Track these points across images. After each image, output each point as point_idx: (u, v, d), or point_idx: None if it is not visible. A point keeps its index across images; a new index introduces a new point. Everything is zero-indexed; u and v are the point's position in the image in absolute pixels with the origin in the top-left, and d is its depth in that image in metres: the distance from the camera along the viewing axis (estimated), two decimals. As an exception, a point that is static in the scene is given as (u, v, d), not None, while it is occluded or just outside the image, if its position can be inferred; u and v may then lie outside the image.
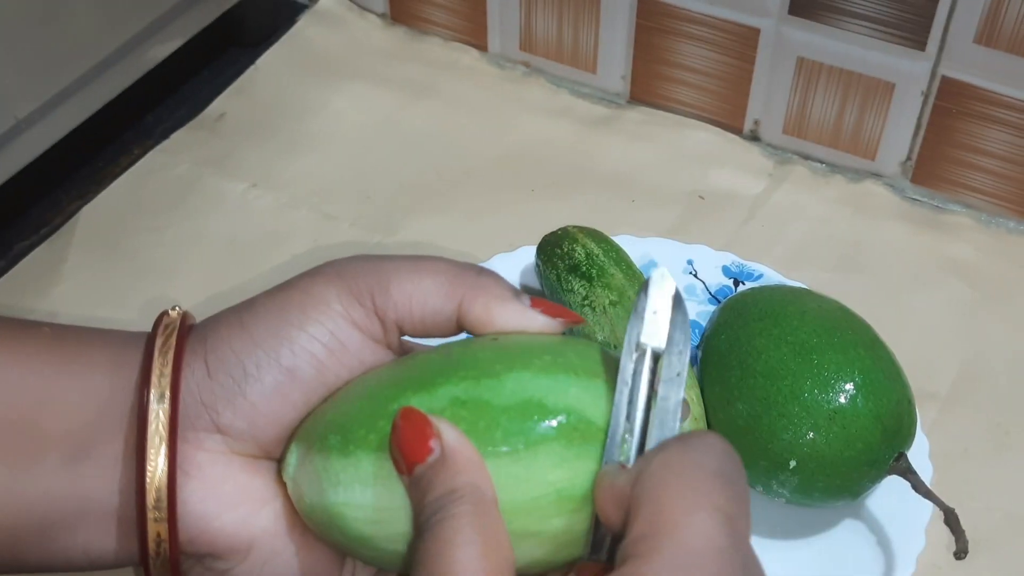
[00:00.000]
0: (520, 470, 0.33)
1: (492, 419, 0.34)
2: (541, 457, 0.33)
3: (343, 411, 0.36)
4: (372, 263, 0.38)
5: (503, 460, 0.33)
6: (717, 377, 0.52)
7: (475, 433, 0.33)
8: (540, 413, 0.34)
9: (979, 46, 0.62)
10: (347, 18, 0.79)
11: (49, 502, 0.36)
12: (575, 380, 0.34)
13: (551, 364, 0.35)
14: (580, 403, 0.34)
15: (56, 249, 0.65)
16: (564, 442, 0.33)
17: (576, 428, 0.34)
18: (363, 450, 0.34)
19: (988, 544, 0.53)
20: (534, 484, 0.33)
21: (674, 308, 0.35)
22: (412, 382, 0.35)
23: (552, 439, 0.33)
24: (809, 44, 0.66)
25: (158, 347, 0.36)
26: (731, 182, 0.69)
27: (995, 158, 0.65)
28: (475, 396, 0.34)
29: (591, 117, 0.73)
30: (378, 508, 0.34)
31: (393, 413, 0.34)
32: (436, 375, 0.35)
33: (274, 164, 0.70)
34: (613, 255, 0.57)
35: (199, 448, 0.36)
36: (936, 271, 0.65)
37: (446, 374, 0.35)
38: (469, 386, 0.34)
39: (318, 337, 0.36)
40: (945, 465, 0.54)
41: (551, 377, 0.34)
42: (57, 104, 0.65)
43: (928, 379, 0.58)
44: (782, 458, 0.49)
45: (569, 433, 0.33)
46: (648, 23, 0.70)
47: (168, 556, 0.36)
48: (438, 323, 0.37)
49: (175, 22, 0.71)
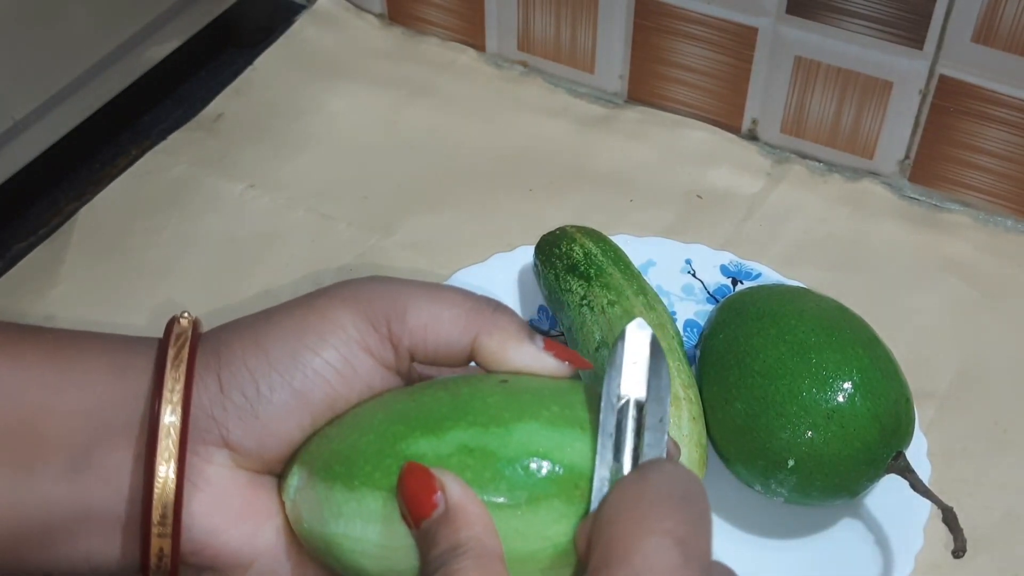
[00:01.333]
0: (520, 524, 0.34)
1: (497, 470, 0.34)
2: (542, 512, 0.34)
3: (350, 442, 0.36)
4: (390, 288, 0.38)
5: (504, 512, 0.34)
6: (715, 376, 0.52)
7: (480, 482, 0.34)
8: (544, 468, 0.34)
9: (977, 45, 0.62)
10: (344, 18, 0.79)
11: (50, 509, 0.36)
12: (580, 435, 0.35)
13: (558, 417, 0.35)
14: (583, 459, 0.34)
15: (54, 250, 0.65)
16: (564, 498, 0.34)
17: (577, 485, 0.34)
18: (367, 487, 0.35)
19: (987, 542, 0.53)
20: (532, 538, 0.34)
21: (652, 355, 0.35)
22: (421, 422, 0.35)
23: (553, 495, 0.34)
24: (807, 43, 0.66)
25: (170, 359, 0.36)
26: (729, 181, 0.69)
27: (993, 157, 0.65)
28: (482, 445, 0.34)
29: (589, 117, 0.73)
30: (378, 545, 0.35)
31: (401, 453, 0.35)
32: (445, 418, 0.35)
33: (272, 164, 0.70)
34: (611, 255, 0.57)
35: (208, 462, 0.36)
36: (934, 270, 0.65)
37: (455, 418, 0.35)
38: (477, 433, 0.35)
39: (332, 362, 0.37)
40: (943, 464, 0.54)
41: (557, 431, 0.35)
42: (54, 105, 0.65)
43: (926, 378, 0.58)
44: (780, 457, 0.49)
45: (570, 490, 0.34)
46: (646, 23, 0.70)
47: (169, 570, 0.36)
48: (450, 354, 0.38)
49: (172, 23, 0.71)
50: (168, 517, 0.35)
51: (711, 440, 0.52)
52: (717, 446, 0.52)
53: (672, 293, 0.60)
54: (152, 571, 0.36)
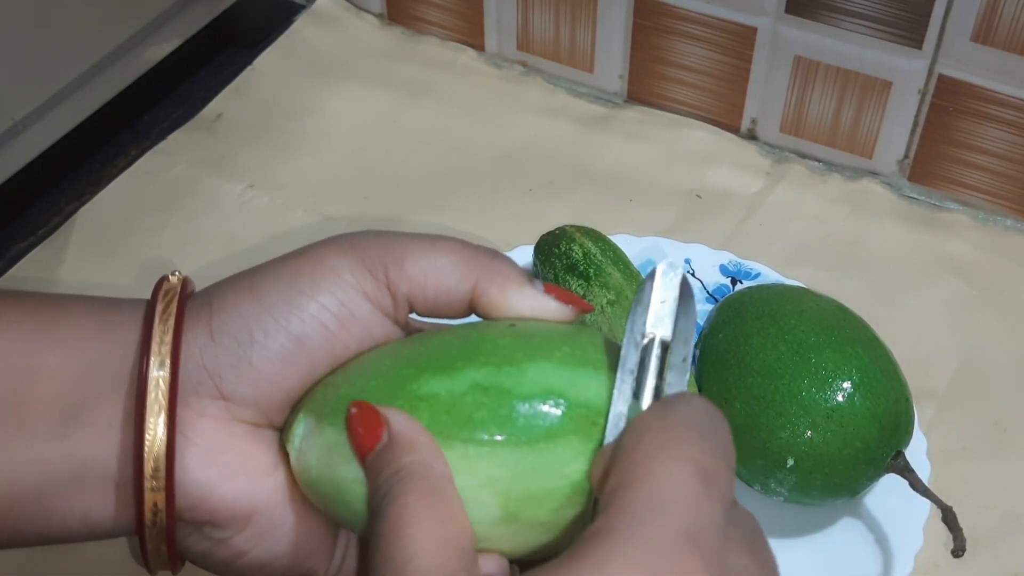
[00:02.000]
0: (537, 461, 0.33)
1: (513, 407, 0.34)
2: (560, 449, 0.33)
3: (359, 386, 0.35)
4: (386, 237, 0.37)
5: (521, 450, 0.33)
6: (715, 376, 0.52)
7: (496, 420, 0.33)
8: (561, 406, 0.34)
9: (976, 44, 0.62)
10: (344, 18, 0.79)
11: (42, 468, 0.35)
12: (594, 374, 0.34)
13: (570, 356, 0.35)
14: (599, 398, 0.34)
15: (53, 251, 0.65)
16: (583, 435, 0.33)
17: (595, 423, 0.34)
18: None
19: (986, 542, 0.53)
20: (551, 476, 0.33)
21: (681, 296, 0.35)
22: (431, 363, 0.35)
23: (571, 432, 0.33)
24: (806, 43, 0.66)
25: (159, 313, 0.35)
26: (728, 181, 0.69)
27: (992, 156, 0.65)
28: (496, 383, 0.34)
29: (588, 116, 0.73)
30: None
31: (412, 393, 0.34)
32: (456, 358, 0.35)
33: (271, 165, 0.70)
34: (611, 254, 0.57)
35: (202, 415, 0.35)
36: (934, 269, 0.65)
37: (466, 358, 0.35)
38: (490, 372, 0.34)
39: (328, 306, 0.36)
40: (943, 463, 0.54)
41: (571, 370, 0.34)
42: (54, 105, 0.65)
43: (926, 377, 0.58)
44: (780, 456, 0.49)
45: (588, 427, 0.34)
46: (645, 22, 0.70)
47: (165, 526, 0.35)
48: (450, 303, 0.37)
49: (172, 23, 0.71)
50: (160, 471, 0.34)
51: (711, 440, 0.52)
52: (717, 446, 0.52)
53: (672, 293, 0.60)
54: (148, 527, 0.35)
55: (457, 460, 0.33)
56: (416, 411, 0.34)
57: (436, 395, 0.34)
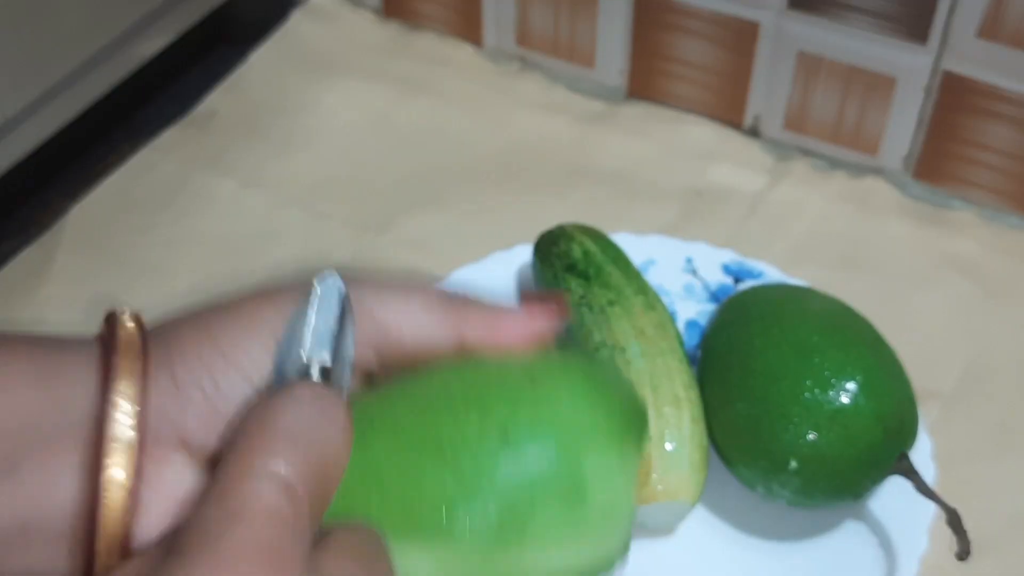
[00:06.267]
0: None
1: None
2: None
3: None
4: (353, 284, 0.35)
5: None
6: (717, 377, 0.52)
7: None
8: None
9: (982, 40, 0.61)
10: (340, 13, 0.78)
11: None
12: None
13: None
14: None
15: (45, 249, 0.64)
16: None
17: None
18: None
19: (992, 545, 0.52)
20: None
21: (342, 316, 0.33)
22: (418, 520, 0.32)
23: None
24: (809, 38, 0.66)
25: (120, 357, 0.33)
26: (731, 178, 0.69)
27: (998, 153, 0.65)
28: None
29: (588, 113, 0.73)
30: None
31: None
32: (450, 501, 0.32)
33: (266, 162, 0.70)
34: (611, 253, 0.57)
35: (165, 465, 0.34)
36: (939, 268, 0.64)
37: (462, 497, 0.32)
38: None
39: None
40: (948, 465, 0.54)
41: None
42: (45, 102, 0.64)
43: (931, 378, 0.58)
44: (783, 459, 0.49)
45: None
46: (646, 17, 0.69)
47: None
48: (431, 349, 0.35)
49: (165, 18, 0.71)
50: (119, 524, 0.32)
51: (712, 442, 0.52)
52: (719, 448, 0.52)
53: (673, 292, 0.60)
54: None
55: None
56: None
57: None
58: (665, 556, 0.52)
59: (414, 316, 0.35)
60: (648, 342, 0.52)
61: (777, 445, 0.49)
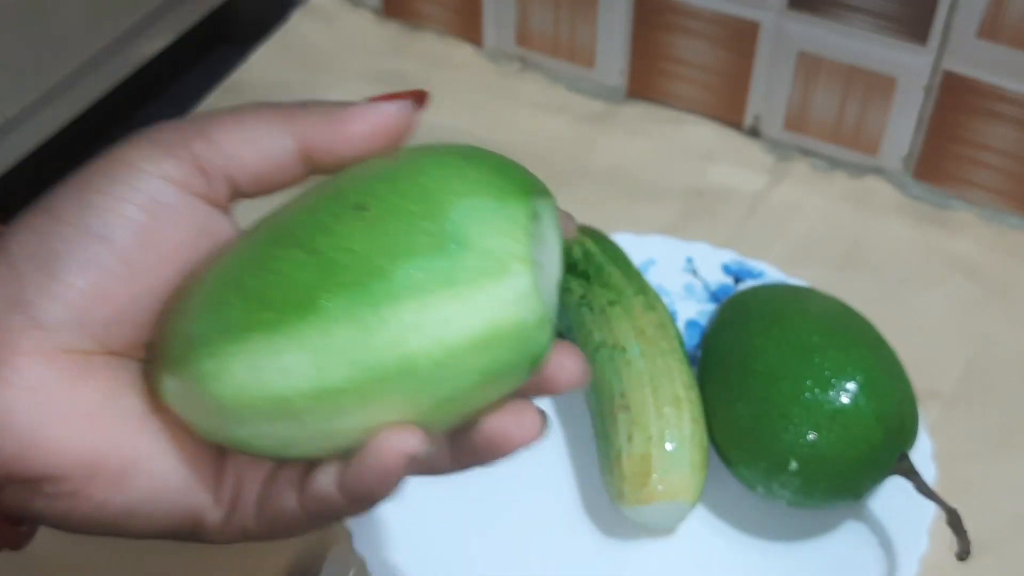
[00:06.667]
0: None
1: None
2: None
3: (203, 325, 0.31)
4: (187, 120, 0.33)
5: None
6: (717, 377, 0.52)
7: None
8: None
9: (982, 40, 0.61)
10: (340, 13, 0.78)
11: None
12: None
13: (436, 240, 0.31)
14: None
15: (45, 249, 0.64)
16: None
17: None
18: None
19: (992, 545, 0.52)
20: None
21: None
22: (284, 302, 0.30)
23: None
24: (810, 38, 0.66)
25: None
26: (731, 178, 0.69)
27: (998, 154, 0.65)
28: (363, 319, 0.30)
29: (588, 113, 0.73)
30: (292, 436, 0.31)
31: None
32: (312, 287, 0.30)
33: (266, 162, 0.69)
34: (611, 253, 0.57)
35: (15, 352, 0.31)
36: (939, 268, 0.64)
37: (325, 286, 0.30)
38: (356, 301, 0.30)
39: (127, 198, 0.32)
40: (948, 465, 0.54)
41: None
42: (45, 102, 0.64)
43: (931, 378, 0.58)
44: (783, 459, 0.48)
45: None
46: (646, 17, 0.69)
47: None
48: (280, 168, 0.33)
49: (164, 19, 0.70)
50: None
51: (713, 442, 0.52)
52: (719, 448, 0.52)
53: (673, 292, 0.60)
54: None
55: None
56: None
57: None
58: (665, 556, 0.52)
59: (256, 132, 0.33)
60: (648, 342, 0.52)
61: (777, 445, 0.48)
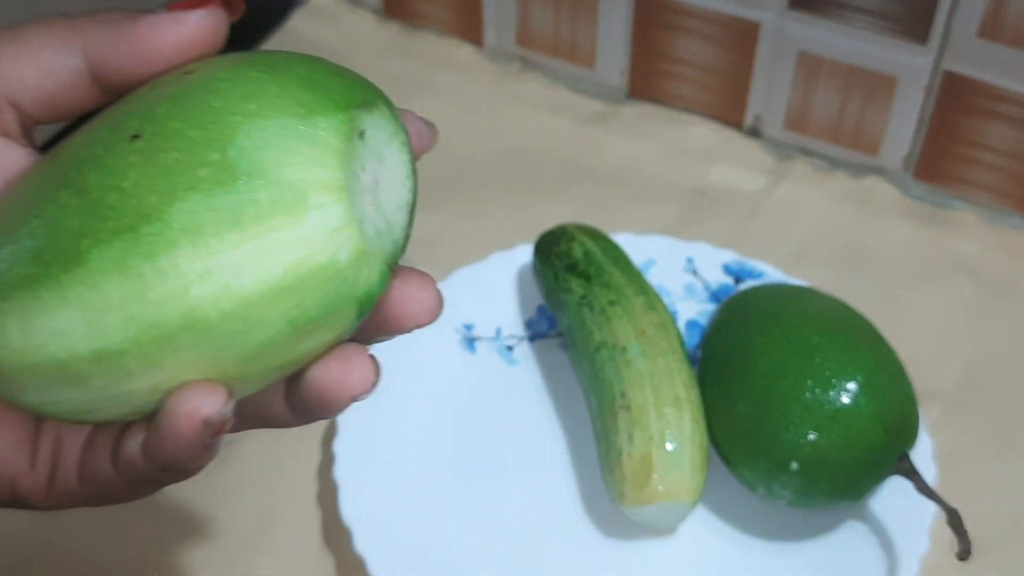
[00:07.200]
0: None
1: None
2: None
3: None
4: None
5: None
6: (718, 377, 0.52)
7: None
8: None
9: (982, 40, 0.61)
10: (340, 13, 0.78)
11: None
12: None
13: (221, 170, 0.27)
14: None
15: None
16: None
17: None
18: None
19: (992, 546, 0.52)
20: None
21: None
22: (56, 256, 0.27)
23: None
24: (810, 38, 0.65)
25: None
26: (732, 178, 0.69)
27: (999, 154, 0.65)
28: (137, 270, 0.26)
29: (589, 113, 0.73)
30: (84, 401, 0.28)
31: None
32: (79, 236, 0.26)
33: (267, 162, 0.69)
34: (611, 253, 0.57)
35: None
36: (940, 268, 0.64)
37: (91, 234, 0.26)
38: (126, 252, 0.26)
39: None
40: (949, 465, 0.54)
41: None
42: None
43: (932, 378, 0.58)
44: (783, 459, 0.49)
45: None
46: (646, 17, 0.69)
47: None
48: (70, 89, 0.30)
49: (166, 18, 0.70)
50: None
51: (713, 442, 0.52)
52: (719, 448, 0.52)
53: (673, 292, 0.60)
54: None
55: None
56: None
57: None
58: (666, 556, 0.52)
59: (34, 53, 0.30)
60: (649, 342, 0.52)
61: (778, 445, 0.48)
